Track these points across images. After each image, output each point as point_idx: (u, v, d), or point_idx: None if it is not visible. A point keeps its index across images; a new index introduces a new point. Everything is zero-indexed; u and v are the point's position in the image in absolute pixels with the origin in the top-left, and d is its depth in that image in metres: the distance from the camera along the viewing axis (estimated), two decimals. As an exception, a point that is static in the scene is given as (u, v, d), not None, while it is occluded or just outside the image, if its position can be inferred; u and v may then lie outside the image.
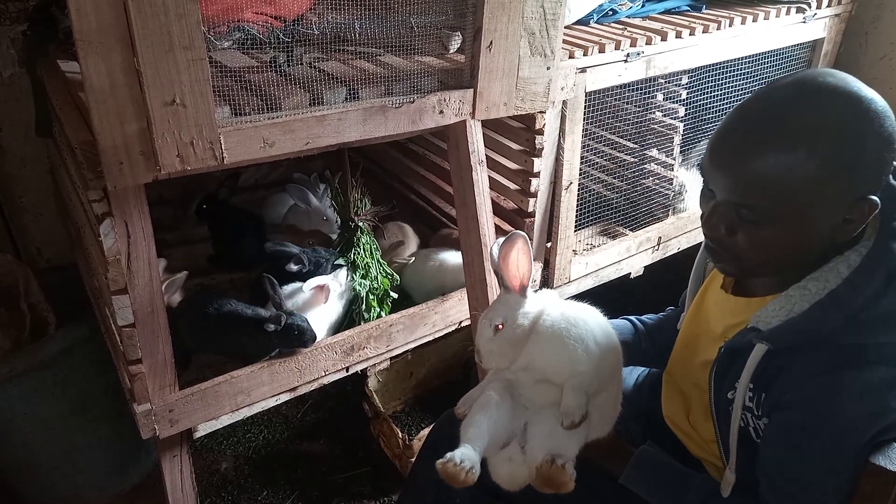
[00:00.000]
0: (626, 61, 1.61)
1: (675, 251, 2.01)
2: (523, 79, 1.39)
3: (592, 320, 1.01)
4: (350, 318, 1.60)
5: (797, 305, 0.89)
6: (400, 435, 1.78)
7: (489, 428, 0.98)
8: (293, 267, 1.53)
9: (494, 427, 0.99)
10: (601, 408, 1.01)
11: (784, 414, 0.90)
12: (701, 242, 1.17)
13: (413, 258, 1.81)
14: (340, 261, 1.62)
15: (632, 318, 1.30)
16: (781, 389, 0.90)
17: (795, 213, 0.86)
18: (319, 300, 1.50)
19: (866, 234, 0.91)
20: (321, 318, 1.52)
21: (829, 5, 1.95)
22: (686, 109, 1.88)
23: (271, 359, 1.41)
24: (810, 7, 1.90)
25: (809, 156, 0.82)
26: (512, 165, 1.68)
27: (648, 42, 1.64)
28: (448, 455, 0.93)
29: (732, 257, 0.93)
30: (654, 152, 1.95)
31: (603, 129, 1.90)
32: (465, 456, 0.93)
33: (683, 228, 1.99)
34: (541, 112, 1.51)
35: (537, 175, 1.61)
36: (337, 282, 1.56)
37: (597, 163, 1.96)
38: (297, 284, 1.52)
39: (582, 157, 1.67)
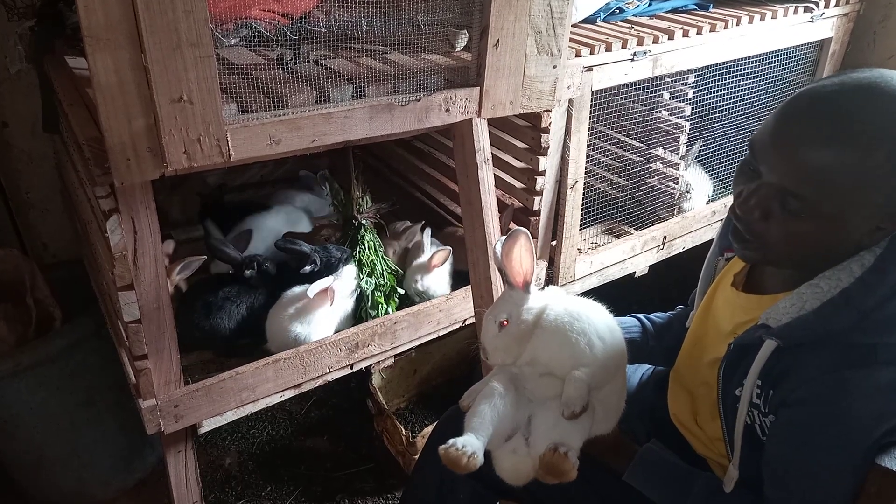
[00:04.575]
0: (632, 60, 1.61)
1: (681, 250, 2.01)
2: (530, 77, 1.39)
3: (596, 315, 1.01)
4: (359, 315, 1.61)
5: (808, 303, 0.89)
6: (403, 432, 1.79)
7: (493, 418, 0.99)
8: (306, 269, 1.53)
9: (498, 417, 0.99)
10: (605, 402, 1.02)
11: (791, 411, 0.90)
12: (709, 241, 1.16)
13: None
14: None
15: (639, 316, 1.30)
16: (790, 387, 0.89)
17: (839, 212, 0.85)
18: (325, 302, 1.50)
19: None
20: (328, 318, 1.52)
21: (836, 4, 1.94)
22: (692, 109, 1.88)
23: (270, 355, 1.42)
24: (818, 6, 1.89)
25: (869, 158, 0.81)
26: (517, 164, 1.68)
27: (655, 41, 1.63)
28: (451, 441, 0.94)
29: (759, 244, 0.92)
30: (659, 151, 1.95)
31: (609, 128, 1.89)
32: (468, 442, 0.93)
33: (689, 228, 1.98)
34: (547, 111, 1.51)
35: (543, 173, 1.61)
36: (342, 281, 1.56)
37: (602, 161, 1.96)
38: (302, 287, 1.52)
39: (587, 156, 1.67)
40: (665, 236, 1.94)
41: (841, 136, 0.82)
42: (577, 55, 1.52)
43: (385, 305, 1.61)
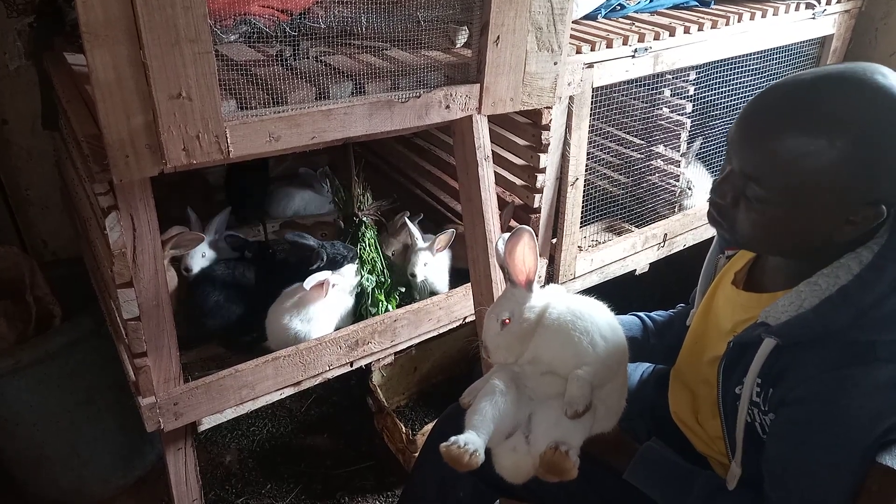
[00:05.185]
0: (633, 57, 1.60)
1: (681, 248, 2.00)
2: (530, 74, 1.38)
3: (598, 313, 1.01)
4: (359, 313, 1.60)
5: (807, 301, 0.89)
6: (403, 429, 1.79)
7: (494, 416, 0.99)
8: (314, 266, 1.53)
9: (499, 415, 0.99)
10: (606, 401, 1.01)
11: (791, 409, 0.89)
12: (710, 238, 1.16)
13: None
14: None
15: (640, 314, 1.29)
16: (789, 385, 0.89)
17: (799, 200, 0.85)
18: (319, 295, 1.50)
19: (880, 232, 0.90)
20: (328, 315, 1.51)
21: (838, 1, 1.94)
22: (693, 106, 1.87)
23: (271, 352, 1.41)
24: (819, 3, 1.88)
25: (829, 146, 0.81)
26: (518, 161, 1.68)
27: (656, 37, 1.63)
28: (452, 438, 0.94)
29: (729, 227, 0.95)
30: (660, 149, 1.94)
31: (609, 125, 1.89)
32: (469, 440, 0.93)
33: (689, 225, 1.98)
34: (547, 107, 1.50)
35: (543, 171, 1.61)
36: (342, 278, 1.55)
37: (603, 159, 1.95)
38: (297, 284, 1.52)
39: (588, 153, 1.67)
40: (666, 234, 1.93)
41: (805, 122, 0.83)
42: (578, 52, 1.52)
43: (385, 303, 1.61)
